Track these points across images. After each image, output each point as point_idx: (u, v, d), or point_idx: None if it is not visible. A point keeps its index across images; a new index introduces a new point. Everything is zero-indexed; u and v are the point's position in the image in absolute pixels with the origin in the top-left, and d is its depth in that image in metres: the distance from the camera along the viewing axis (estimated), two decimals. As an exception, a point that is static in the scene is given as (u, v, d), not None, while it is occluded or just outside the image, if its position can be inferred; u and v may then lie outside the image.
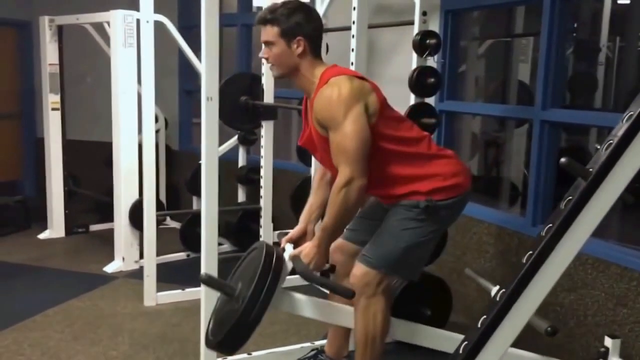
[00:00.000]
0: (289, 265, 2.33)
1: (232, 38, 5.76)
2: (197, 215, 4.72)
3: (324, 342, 3.16)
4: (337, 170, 2.29)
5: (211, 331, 2.27)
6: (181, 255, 4.70)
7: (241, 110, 4.12)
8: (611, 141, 1.48)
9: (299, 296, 2.41)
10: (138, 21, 4.02)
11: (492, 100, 5.62)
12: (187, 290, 3.88)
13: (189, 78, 6.07)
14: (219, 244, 4.69)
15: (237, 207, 4.90)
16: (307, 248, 2.33)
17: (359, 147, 2.23)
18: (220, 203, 2.85)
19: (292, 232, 2.58)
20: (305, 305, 2.40)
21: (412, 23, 3.36)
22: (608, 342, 2.56)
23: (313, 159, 4.00)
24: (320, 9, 3.98)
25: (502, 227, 3.56)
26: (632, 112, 1.46)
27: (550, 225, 1.48)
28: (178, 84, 6.24)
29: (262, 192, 4.14)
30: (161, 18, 4.32)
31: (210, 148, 2.76)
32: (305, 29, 2.37)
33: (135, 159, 4.38)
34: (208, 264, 2.79)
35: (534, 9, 3.44)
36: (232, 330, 2.07)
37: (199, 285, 3.86)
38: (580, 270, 3.05)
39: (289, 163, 5.22)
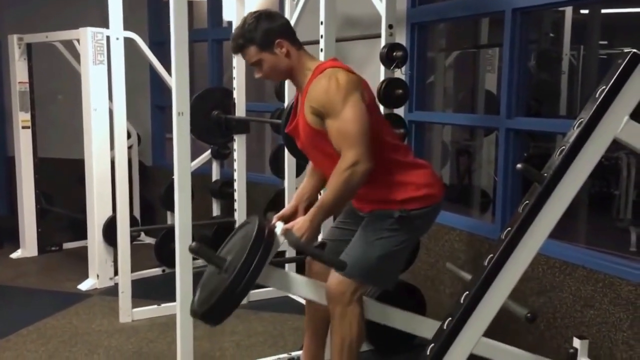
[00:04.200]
0: (280, 240, 2.34)
1: (204, 53, 5.79)
2: (171, 230, 4.70)
3: (300, 352, 3.20)
4: (316, 162, 2.32)
5: (197, 302, 2.27)
6: (156, 271, 4.69)
7: (213, 124, 4.15)
8: (564, 147, 1.55)
9: (286, 273, 2.44)
10: (108, 38, 4.04)
11: (460, 109, 5.74)
12: (163, 305, 3.87)
13: (160, 94, 6.08)
14: (194, 259, 4.69)
15: (211, 221, 4.91)
16: (300, 222, 2.32)
17: (361, 130, 2.25)
18: (194, 217, 2.87)
19: (284, 210, 2.60)
20: (293, 282, 2.43)
21: (379, 36, 3.43)
22: (577, 343, 2.63)
23: (287, 171, 4.05)
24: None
25: (473, 233, 3.63)
26: (582, 119, 1.53)
27: (510, 228, 1.54)
28: (150, 100, 6.24)
29: (236, 205, 4.16)
30: (131, 35, 4.34)
31: (183, 163, 2.78)
32: (277, 30, 2.40)
33: (108, 175, 4.38)
34: (183, 279, 2.82)
35: (498, 20, 3.54)
36: (219, 301, 2.08)
37: (175, 301, 3.89)
38: (549, 273, 3.13)
39: (262, 176, 5.25)
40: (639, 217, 5.20)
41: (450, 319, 1.54)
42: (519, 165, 1.56)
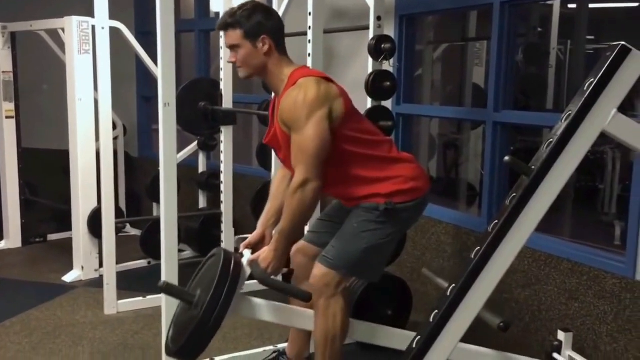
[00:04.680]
0: (248, 270, 2.35)
1: (191, 44, 5.75)
2: (157, 222, 4.65)
3: (286, 345, 3.20)
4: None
5: (171, 339, 2.27)
6: (142, 263, 4.66)
7: (200, 116, 4.12)
8: (551, 140, 1.54)
9: (258, 301, 2.43)
10: (93, 27, 3.99)
11: (448, 103, 5.74)
12: (149, 297, 3.85)
13: (147, 84, 6.03)
14: (181, 251, 4.69)
15: (198, 212, 4.89)
16: (265, 252, 2.35)
17: (317, 151, 2.26)
18: (180, 209, 2.85)
19: (250, 237, 2.59)
20: (265, 310, 2.42)
21: (367, 28, 3.41)
22: (561, 335, 2.67)
23: (273, 163, 4.03)
24: (277, 14, 4.01)
25: (460, 226, 3.64)
26: (570, 112, 1.53)
27: (497, 221, 1.54)
28: (136, 91, 6.19)
29: (222, 197, 4.14)
30: (117, 24, 4.29)
31: (169, 154, 2.76)
32: (268, 27, 2.39)
33: (94, 166, 4.33)
34: (168, 271, 2.79)
35: (486, 13, 3.54)
36: (192, 337, 2.08)
37: (161, 292, 3.87)
38: (534, 266, 3.14)
39: (249, 168, 5.23)
40: (624, 211, 5.24)
41: (436, 311, 1.53)
42: (506, 158, 1.55)
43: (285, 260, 2.41)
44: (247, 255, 2.46)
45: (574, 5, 5.89)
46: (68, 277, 4.37)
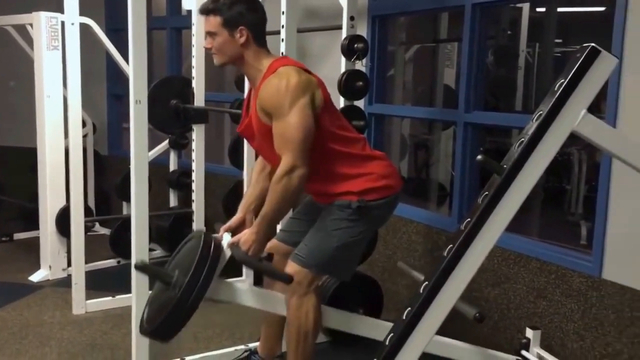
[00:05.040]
0: (227, 253, 2.33)
1: (162, 41, 5.70)
2: (127, 221, 4.63)
3: (257, 343, 3.19)
4: (273, 161, 2.32)
5: (146, 319, 2.24)
6: (111, 262, 4.61)
7: (171, 114, 4.08)
8: (522, 139, 1.57)
9: (236, 284, 2.43)
10: (63, 23, 3.93)
11: (419, 103, 5.78)
12: (118, 297, 3.80)
13: (117, 82, 5.96)
14: (151, 250, 4.64)
15: (168, 211, 4.84)
16: (246, 235, 2.34)
17: (302, 137, 2.26)
18: (151, 208, 2.83)
19: (231, 221, 2.59)
20: (242, 294, 2.42)
21: (340, 28, 3.42)
22: (529, 333, 2.70)
23: (246, 162, 4.02)
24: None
25: (430, 226, 3.67)
26: (541, 112, 1.56)
27: (469, 219, 1.56)
28: (106, 88, 6.11)
29: (194, 196, 4.11)
30: (87, 20, 4.23)
31: (140, 152, 2.73)
32: (248, 19, 2.38)
33: (62, 164, 4.28)
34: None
35: (457, 15, 3.58)
36: (168, 317, 2.07)
37: (130, 292, 3.82)
38: (503, 265, 3.18)
39: (221, 167, 5.20)
40: (590, 211, 5.34)
41: (409, 309, 1.55)
42: (479, 157, 1.58)
43: (265, 244, 2.40)
44: (226, 238, 2.44)
45: (542, 9, 5.98)
46: (35, 277, 4.30)
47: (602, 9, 6.54)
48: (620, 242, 2.69)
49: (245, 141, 3.92)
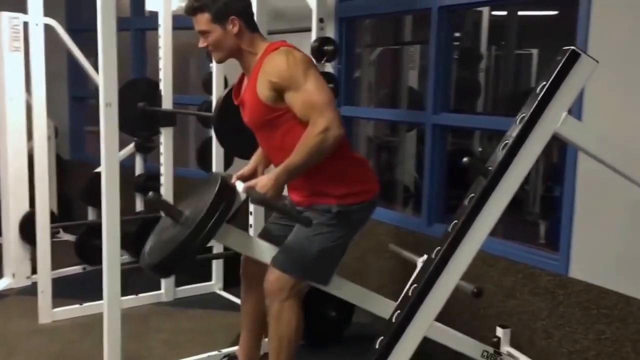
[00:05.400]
0: (242, 196, 2.33)
1: (126, 43, 5.62)
2: (93, 227, 4.58)
3: (231, 349, 3.18)
4: (274, 156, 2.35)
5: (148, 252, 2.23)
6: (77, 269, 4.51)
7: (138, 117, 4.04)
8: (507, 141, 1.61)
9: (240, 233, 2.43)
10: (25, 24, 3.84)
11: (384, 105, 5.83)
12: (85, 305, 3.73)
13: (79, 84, 5.86)
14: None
15: (135, 216, 4.77)
16: (264, 180, 2.26)
17: (327, 98, 2.27)
18: (118, 213, 2.78)
19: (243, 170, 2.60)
20: (248, 243, 2.44)
21: (309, 30, 3.44)
22: (499, 332, 2.76)
23: (214, 164, 3.97)
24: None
25: (400, 227, 3.71)
26: (524, 114, 1.60)
27: (456, 221, 1.59)
28: (68, 91, 6.00)
29: (162, 200, 4.06)
30: (50, 21, 4.14)
31: (111, 156, 2.68)
32: (235, 7, 2.37)
33: (25, 168, 4.17)
34: (110, 276, 2.72)
35: (421, 18, 3.63)
36: (173, 253, 2.05)
37: (98, 299, 3.75)
38: (472, 265, 3.18)
39: (188, 170, 5.16)
40: (547, 210, 5.46)
41: (399, 312, 1.57)
42: (465, 159, 1.61)
43: (280, 194, 2.35)
44: (239, 185, 2.40)
45: (503, 12, 6.09)
46: (-2, 285, 4.19)
47: (554, 12, 6.68)
48: (587, 241, 2.76)
49: (214, 143, 3.90)
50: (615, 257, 2.68)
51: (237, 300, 4.02)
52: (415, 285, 1.57)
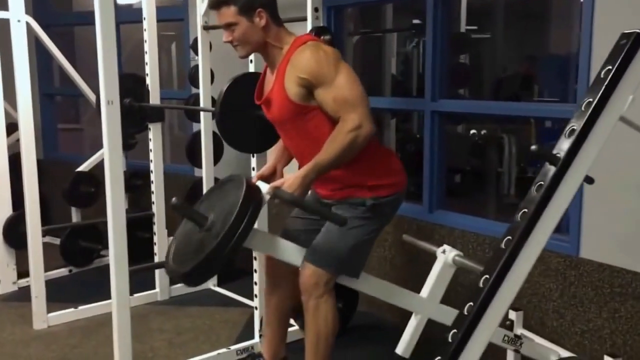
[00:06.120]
0: (266, 198, 2.24)
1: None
2: (77, 229, 4.44)
3: (240, 345, 3.13)
4: (301, 153, 2.31)
5: (174, 259, 2.16)
6: (63, 272, 4.39)
7: (125, 113, 3.89)
8: (574, 127, 1.59)
9: (268, 235, 2.39)
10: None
11: (368, 93, 5.79)
12: (81, 308, 3.63)
13: (49, 81, 5.66)
14: (102, 256, 4.46)
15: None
16: (291, 179, 2.20)
17: (359, 94, 2.22)
18: (100, 213, 2.69)
19: (263, 170, 2.55)
20: (273, 245, 2.35)
21: (304, 19, 3.37)
22: (512, 314, 2.77)
23: (204, 160, 3.88)
24: (202, 7, 3.88)
25: (401, 215, 3.67)
26: (590, 99, 1.58)
27: (525, 210, 1.57)
28: (38, 88, 5.77)
29: (153, 197, 3.96)
30: (26, 18, 3.97)
31: (114, 155, 2.58)
32: None
33: (6, 170, 4.03)
34: (119, 277, 2.62)
35: (400, 6, 3.58)
36: (203, 262, 1.99)
37: (92, 302, 3.65)
38: (479, 250, 3.24)
39: (172, 165, 5.03)
40: (522, 192, 5.52)
41: (471, 304, 1.54)
42: (533, 147, 1.59)
43: (307, 192, 2.31)
44: (262, 186, 2.31)
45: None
46: (-18, 293, 4.03)
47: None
48: (597, 221, 2.78)
49: (203, 138, 3.82)
50: (626, 236, 2.70)
51: (234, 296, 3.98)
52: (487, 276, 1.55)
